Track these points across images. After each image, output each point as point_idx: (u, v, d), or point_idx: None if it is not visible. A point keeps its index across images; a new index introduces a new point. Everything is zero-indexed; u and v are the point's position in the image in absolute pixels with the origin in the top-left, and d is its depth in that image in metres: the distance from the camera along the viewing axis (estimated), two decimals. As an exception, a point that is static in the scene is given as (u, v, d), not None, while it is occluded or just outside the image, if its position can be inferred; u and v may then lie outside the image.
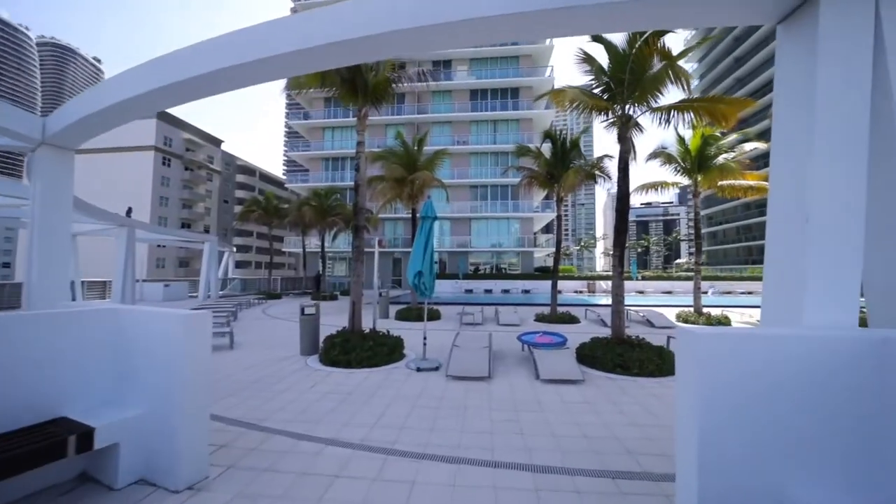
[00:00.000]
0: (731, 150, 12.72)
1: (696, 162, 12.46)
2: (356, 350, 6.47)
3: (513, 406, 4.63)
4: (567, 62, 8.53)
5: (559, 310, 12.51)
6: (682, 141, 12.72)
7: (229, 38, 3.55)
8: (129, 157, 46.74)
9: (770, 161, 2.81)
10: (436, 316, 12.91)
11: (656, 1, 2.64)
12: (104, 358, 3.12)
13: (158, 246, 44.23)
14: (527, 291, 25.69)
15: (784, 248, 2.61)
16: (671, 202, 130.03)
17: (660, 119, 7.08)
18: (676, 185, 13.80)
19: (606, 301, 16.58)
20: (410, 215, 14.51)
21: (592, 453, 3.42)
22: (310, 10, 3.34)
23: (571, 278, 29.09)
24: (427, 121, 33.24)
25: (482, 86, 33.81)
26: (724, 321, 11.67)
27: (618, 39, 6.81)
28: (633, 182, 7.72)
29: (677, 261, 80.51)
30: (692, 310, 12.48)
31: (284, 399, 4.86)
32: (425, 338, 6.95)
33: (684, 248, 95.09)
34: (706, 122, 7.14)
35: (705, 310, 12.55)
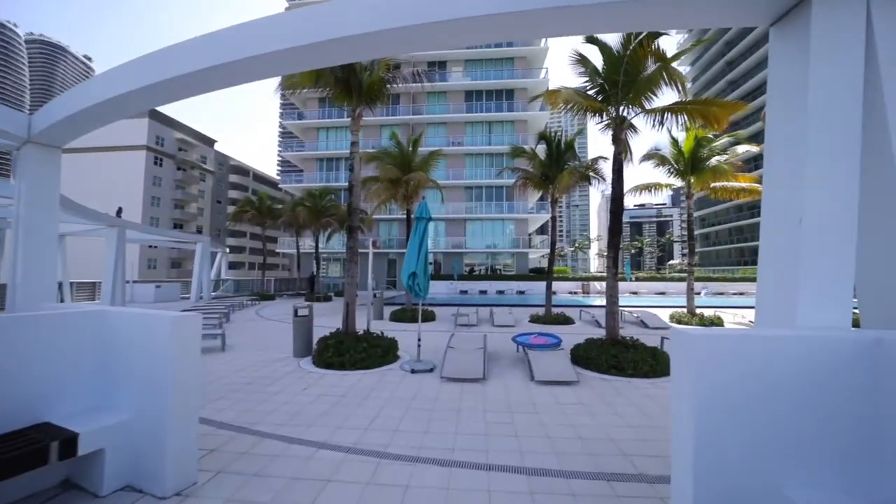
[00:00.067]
0: (724, 153, 12.83)
1: (689, 164, 12.54)
2: (350, 352, 6.42)
3: (507, 408, 4.60)
4: (562, 65, 8.53)
5: (554, 311, 12.53)
6: (675, 143, 12.81)
7: (223, 35, 3.49)
8: (121, 156, 46.12)
9: (764, 162, 2.81)
10: (430, 317, 12.86)
11: (650, 1, 2.64)
12: (90, 361, 3.05)
13: (150, 247, 43.70)
14: (521, 292, 25.74)
15: (778, 248, 2.61)
16: (664, 204, 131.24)
17: (654, 121, 7.12)
18: (670, 186, 13.89)
19: (600, 302, 16.64)
20: (405, 216, 14.46)
21: (587, 455, 3.40)
22: (305, 7, 3.29)
23: (566, 279, 29.20)
24: (422, 122, 33.19)
25: (477, 87, 33.81)
26: (717, 322, 11.76)
27: (612, 41, 6.82)
28: (627, 183, 7.75)
29: (670, 262, 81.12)
30: (685, 310, 12.56)
31: (277, 402, 4.79)
32: (419, 339, 6.91)
33: (677, 249, 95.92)
34: (699, 125, 7.19)
35: (698, 310, 12.65)
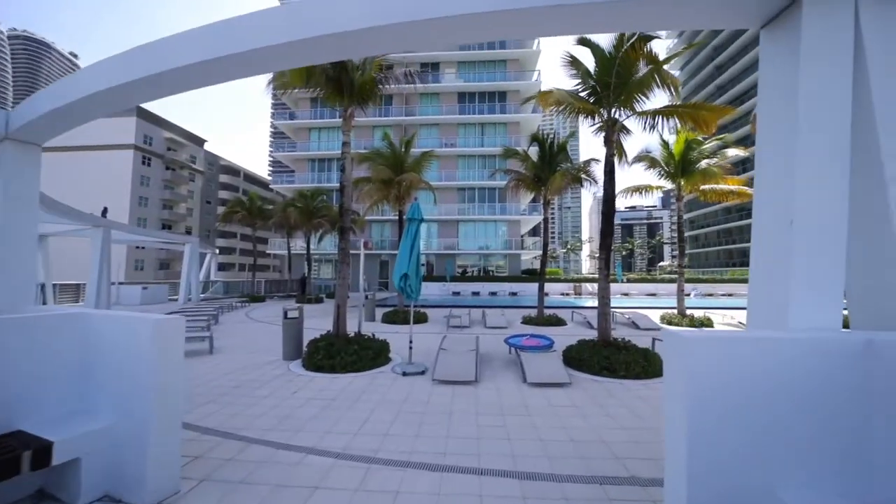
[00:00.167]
0: (713, 156, 13.00)
1: (679, 166, 12.68)
2: (340, 354, 6.33)
3: (500, 410, 4.56)
4: (554, 68, 8.58)
5: (546, 312, 12.55)
6: (665, 145, 12.94)
7: (213, 29, 3.38)
8: (107, 155, 45.20)
9: (755, 164, 2.81)
10: (423, 319, 12.79)
11: (642, 1, 2.63)
12: (69, 366, 2.93)
13: (137, 248, 42.91)
14: (514, 294, 25.78)
15: (770, 250, 2.61)
16: (655, 206, 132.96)
17: (645, 123, 7.17)
18: (660, 188, 14.03)
19: (592, 303, 16.71)
20: (397, 217, 14.38)
21: (580, 458, 3.37)
22: (297, 1, 3.21)
23: (558, 281, 29.31)
24: (414, 123, 33.09)
25: (470, 89, 33.87)
26: (707, 323, 11.89)
27: (604, 43, 6.85)
28: (618, 186, 7.78)
29: (661, 263, 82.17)
30: (676, 311, 12.67)
31: (265, 406, 4.69)
32: (411, 341, 6.85)
33: (667, 251, 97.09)
34: (689, 128, 7.27)
35: (688, 311, 12.76)
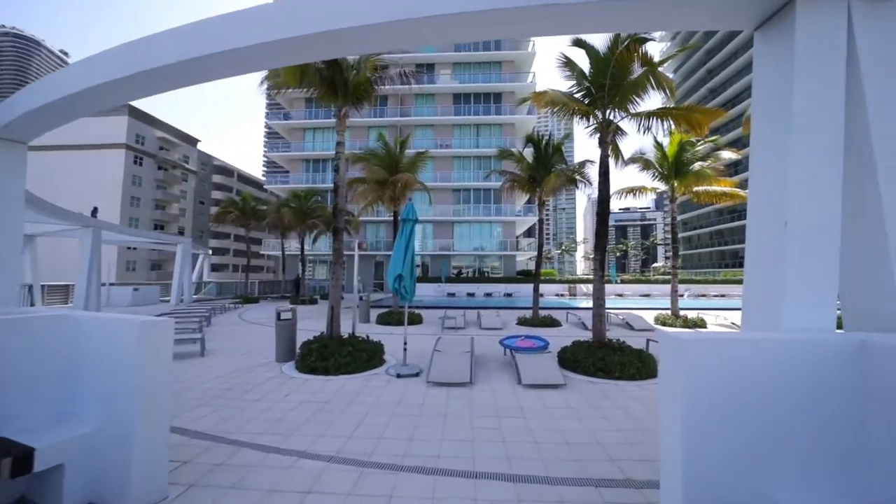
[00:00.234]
0: (706, 158, 13.12)
1: (673, 168, 12.76)
2: (334, 356, 6.27)
3: (494, 413, 4.53)
4: (549, 69, 8.58)
5: (541, 313, 12.55)
6: (660, 147, 13.02)
7: (206, 25, 3.32)
8: (99, 154, 44.58)
9: (750, 165, 2.82)
10: (417, 320, 12.74)
11: (637, 1, 2.62)
12: (54, 369, 2.86)
13: (129, 248, 42.36)
14: (509, 295, 25.79)
15: (764, 251, 2.61)
16: (648, 207, 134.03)
17: (639, 125, 7.19)
18: (654, 190, 14.11)
19: (587, 304, 16.76)
20: (392, 218, 14.32)
21: (575, 461, 3.35)
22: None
23: (553, 282, 29.39)
24: (410, 124, 33.08)
25: (465, 90, 33.90)
26: (700, 323, 11.97)
27: (599, 44, 6.87)
28: (612, 187, 7.79)
29: (654, 264, 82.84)
30: (669, 312, 12.74)
31: (257, 409, 4.62)
32: (406, 343, 6.80)
33: (661, 252, 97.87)
34: (683, 129, 7.31)
35: (682, 312, 12.84)
